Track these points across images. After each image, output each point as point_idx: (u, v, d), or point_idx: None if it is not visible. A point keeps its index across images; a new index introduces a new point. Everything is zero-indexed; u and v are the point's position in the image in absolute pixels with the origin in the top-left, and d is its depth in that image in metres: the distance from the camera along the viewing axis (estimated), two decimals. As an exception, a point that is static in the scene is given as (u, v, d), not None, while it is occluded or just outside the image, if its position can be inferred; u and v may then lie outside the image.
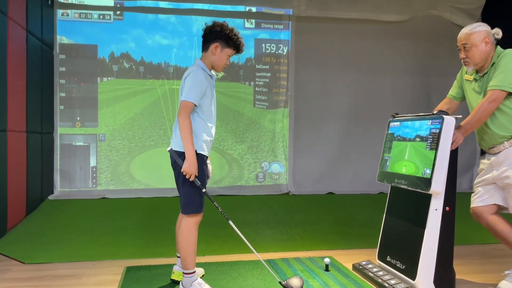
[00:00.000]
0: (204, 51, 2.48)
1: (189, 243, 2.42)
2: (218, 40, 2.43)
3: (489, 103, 2.47)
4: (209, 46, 2.45)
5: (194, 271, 2.44)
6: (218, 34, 2.41)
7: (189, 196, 2.42)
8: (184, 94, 2.35)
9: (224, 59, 2.48)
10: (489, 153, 2.66)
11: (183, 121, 2.32)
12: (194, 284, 2.42)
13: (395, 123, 2.89)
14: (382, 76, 6.37)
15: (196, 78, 2.36)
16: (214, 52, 2.44)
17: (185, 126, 2.31)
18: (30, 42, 4.52)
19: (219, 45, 2.43)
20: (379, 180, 2.90)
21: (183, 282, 2.45)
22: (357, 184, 6.20)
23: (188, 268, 2.42)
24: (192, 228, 2.43)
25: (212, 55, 2.45)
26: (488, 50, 2.56)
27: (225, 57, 2.47)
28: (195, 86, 2.34)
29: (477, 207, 2.67)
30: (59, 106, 5.57)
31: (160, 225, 4.21)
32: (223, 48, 2.45)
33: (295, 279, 2.55)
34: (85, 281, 2.74)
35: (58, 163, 5.55)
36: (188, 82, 2.36)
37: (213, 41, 2.43)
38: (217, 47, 2.44)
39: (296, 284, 2.50)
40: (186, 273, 2.43)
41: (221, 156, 5.98)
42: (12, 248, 3.42)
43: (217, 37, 2.42)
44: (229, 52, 2.47)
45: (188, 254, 2.41)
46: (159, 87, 5.84)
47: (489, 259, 3.29)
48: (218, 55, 2.45)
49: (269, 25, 6.12)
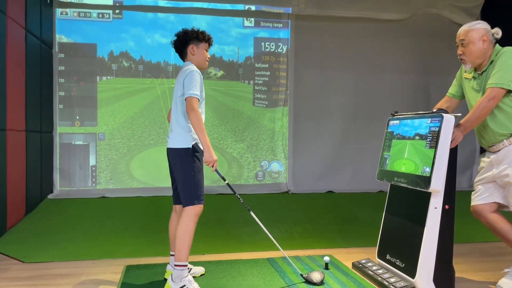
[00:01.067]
0: (185, 58, 2.66)
1: (187, 234, 2.44)
2: (190, 41, 2.61)
3: (488, 101, 2.47)
4: (186, 51, 2.63)
5: (186, 265, 2.44)
6: (187, 37, 2.61)
7: (193, 187, 2.48)
8: (188, 90, 2.45)
9: (204, 54, 2.65)
10: (489, 151, 2.66)
11: (196, 116, 2.41)
12: (184, 280, 2.41)
13: (394, 122, 2.89)
14: (381, 75, 6.37)
15: (195, 76, 2.49)
16: (192, 52, 2.62)
17: (199, 120, 2.41)
18: (29, 41, 4.51)
19: (193, 45, 2.61)
20: (379, 178, 2.90)
21: (173, 275, 2.43)
22: (356, 183, 6.20)
23: (181, 259, 2.42)
24: (192, 219, 2.46)
25: (192, 56, 2.63)
26: (485, 48, 2.56)
27: (202, 52, 2.65)
28: (196, 82, 2.48)
29: (477, 205, 2.67)
30: (59, 105, 5.57)
31: (160, 224, 4.21)
32: (197, 45, 2.62)
33: (316, 273, 2.69)
34: (84, 280, 2.74)
35: (57, 162, 5.54)
36: (189, 80, 2.47)
37: (187, 44, 2.61)
38: (193, 47, 2.61)
39: (316, 278, 2.65)
40: (179, 265, 2.41)
41: (220, 155, 5.98)
42: (12, 247, 3.42)
43: (187, 40, 2.61)
44: (204, 46, 2.65)
45: (184, 245, 2.42)
46: (158, 86, 5.84)
47: (489, 257, 3.30)
48: (198, 53, 2.63)
49: (269, 24, 6.12)
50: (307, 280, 2.67)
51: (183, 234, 2.43)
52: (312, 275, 2.68)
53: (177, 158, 2.53)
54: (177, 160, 2.53)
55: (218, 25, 5.95)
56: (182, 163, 2.50)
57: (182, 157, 2.50)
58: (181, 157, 2.50)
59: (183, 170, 2.50)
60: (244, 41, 6.05)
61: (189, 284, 2.42)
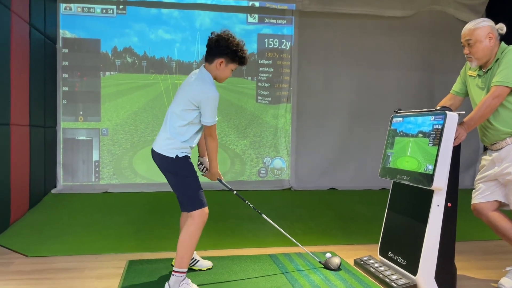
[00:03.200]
0: (208, 63, 2.46)
1: (192, 242, 2.40)
2: (224, 56, 2.41)
3: (493, 99, 2.46)
4: (213, 60, 2.43)
5: (186, 272, 2.40)
6: (224, 50, 2.39)
7: (191, 194, 2.42)
8: (209, 117, 2.38)
9: (228, 73, 2.49)
10: (491, 149, 2.65)
11: (215, 143, 2.49)
12: (182, 284, 2.37)
13: (397, 119, 2.88)
14: (385, 72, 6.35)
15: (216, 101, 2.38)
16: (218, 67, 2.43)
17: (216, 148, 2.52)
18: (33, 36, 4.52)
19: (224, 60, 2.42)
20: (381, 175, 2.90)
21: (170, 281, 2.37)
22: (359, 180, 6.20)
23: (182, 267, 2.37)
24: (199, 228, 2.41)
25: (216, 70, 2.44)
26: (492, 45, 2.54)
27: (229, 71, 2.48)
28: (216, 107, 2.39)
29: (478, 204, 2.67)
30: (62, 100, 5.58)
31: (162, 219, 4.23)
32: (227, 63, 2.44)
33: (334, 259, 2.90)
34: (87, 274, 2.76)
35: (61, 157, 5.57)
36: (210, 105, 2.36)
37: (219, 56, 2.41)
38: (222, 63, 2.43)
39: (334, 264, 2.86)
40: (178, 272, 2.36)
41: (223, 151, 5.98)
42: (15, 241, 3.44)
43: (222, 53, 2.40)
44: (233, 67, 2.48)
45: (187, 252, 2.38)
46: (161, 81, 5.84)
47: (491, 255, 3.29)
48: (222, 70, 2.45)
49: (272, 20, 6.10)
50: (326, 266, 2.87)
51: (189, 241, 2.38)
52: (330, 261, 2.89)
53: (166, 164, 2.43)
54: (166, 166, 2.44)
55: (221, 21, 5.94)
56: (176, 171, 2.42)
57: (174, 165, 2.41)
58: (171, 165, 2.41)
59: (176, 178, 2.43)
60: (247, 38, 6.03)
61: (188, 287, 2.38)
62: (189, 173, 2.44)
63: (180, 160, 2.41)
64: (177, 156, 2.40)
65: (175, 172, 2.43)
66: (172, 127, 2.42)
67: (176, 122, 2.42)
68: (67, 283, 2.61)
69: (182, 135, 2.41)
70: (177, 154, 2.40)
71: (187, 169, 2.44)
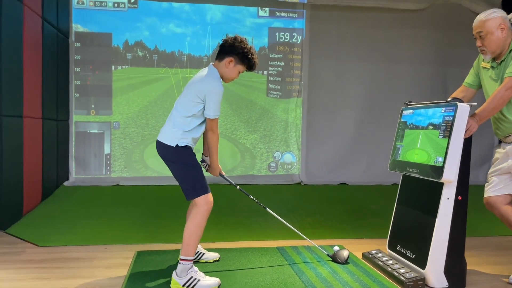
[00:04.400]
0: (218, 61, 2.53)
1: (198, 230, 2.42)
2: (234, 55, 2.47)
3: (506, 91, 2.41)
4: (223, 58, 2.49)
5: (192, 259, 2.42)
6: (235, 50, 2.46)
7: (192, 182, 2.45)
8: (212, 110, 2.43)
9: (235, 74, 2.54)
10: (505, 142, 2.60)
11: (215, 137, 2.53)
12: (190, 272, 2.39)
13: (408, 111, 2.84)
14: (397, 66, 6.27)
15: (219, 95, 2.43)
16: (227, 65, 2.49)
17: (217, 142, 2.55)
18: (46, 30, 4.57)
19: (233, 60, 2.48)
20: (391, 169, 2.86)
21: (178, 270, 2.39)
22: (370, 175, 6.15)
23: (189, 254, 2.39)
24: (205, 216, 2.42)
25: (224, 67, 2.50)
26: (505, 36, 2.49)
27: (236, 72, 2.54)
28: (219, 101, 2.45)
29: (491, 197, 2.62)
30: (74, 94, 5.64)
31: (172, 212, 4.25)
32: (236, 64, 2.50)
33: (342, 251, 2.89)
34: (96, 264, 2.79)
35: (73, 150, 5.63)
36: (213, 99, 2.42)
37: (229, 54, 2.48)
38: (231, 62, 2.49)
39: (342, 257, 2.86)
40: (185, 260, 2.38)
41: (233, 146, 5.99)
42: (27, 231, 3.50)
43: (233, 52, 2.47)
44: (241, 68, 2.54)
45: (193, 240, 2.40)
46: (172, 75, 5.86)
47: (503, 250, 3.23)
48: (230, 69, 2.51)
49: (283, 14, 6.07)
50: (334, 259, 2.87)
51: (195, 229, 2.41)
52: (338, 254, 2.88)
53: (167, 153, 2.48)
54: (167, 155, 2.48)
55: (232, 14, 5.92)
56: (176, 160, 2.47)
57: (174, 153, 2.46)
58: (172, 153, 2.46)
59: (177, 166, 2.47)
60: (258, 31, 6.01)
61: (195, 275, 2.40)
62: (189, 161, 2.47)
63: (180, 149, 2.45)
64: (177, 145, 2.44)
65: (175, 160, 2.47)
66: (176, 117, 2.48)
67: (181, 112, 2.48)
68: (76, 272, 2.65)
69: (185, 126, 2.46)
70: (177, 143, 2.44)
71: (187, 157, 2.47)
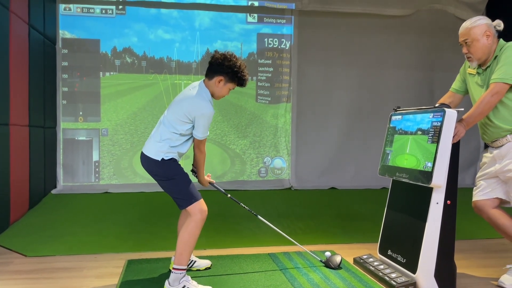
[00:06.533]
0: (208, 79, 2.51)
1: (192, 239, 2.41)
2: (224, 74, 2.46)
3: (492, 96, 2.45)
4: (213, 76, 2.48)
5: (185, 269, 2.42)
6: (226, 70, 2.45)
7: (183, 191, 2.43)
8: (201, 132, 2.45)
9: (225, 92, 2.53)
10: (492, 147, 2.64)
11: (203, 157, 2.59)
12: (183, 281, 2.38)
13: (396, 117, 2.87)
14: (385, 71, 6.34)
15: (210, 118, 2.45)
16: (217, 84, 2.49)
17: (203, 161, 2.62)
18: (33, 36, 4.52)
19: (223, 79, 2.47)
20: (381, 174, 2.89)
21: (170, 279, 2.39)
22: (359, 179, 6.19)
23: (182, 264, 2.39)
24: (198, 225, 2.42)
25: (215, 86, 2.49)
26: (490, 43, 2.53)
27: (226, 90, 2.53)
28: (209, 123, 2.46)
29: (479, 201, 2.66)
30: (62, 101, 5.58)
31: (162, 219, 4.22)
32: (226, 82, 2.49)
33: (335, 257, 2.91)
34: (86, 274, 2.76)
35: (61, 158, 5.57)
36: (203, 122, 2.42)
37: (219, 74, 2.47)
38: (221, 81, 2.48)
39: (334, 262, 2.87)
40: (178, 269, 2.38)
41: (223, 151, 5.98)
42: (15, 241, 3.44)
43: (223, 72, 2.46)
44: (232, 86, 2.53)
45: (187, 249, 2.39)
46: (161, 81, 5.84)
47: (491, 253, 3.28)
48: (221, 88, 2.50)
49: (272, 20, 6.10)
50: (327, 265, 2.87)
51: (189, 238, 2.40)
52: (330, 259, 2.89)
53: (152, 167, 2.46)
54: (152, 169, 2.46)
55: (221, 20, 5.93)
56: (163, 174, 2.45)
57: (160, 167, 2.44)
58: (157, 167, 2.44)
59: (165, 181, 2.46)
60: (247, 37, 6.03)
61: (188, 284, 2.39)
62: (176, 173, 2.46)
63: (165, 162, 2.44)
64: (162, 159, 2.43)
65: (162, 174, 2.46)
66: (164, 132, 2.47)
67: (168, 129, 2.46)
68: (66, 282, 2.61)
69: (172, 141, 2.46)
70: (163, 157, 2.43)
71: (173, 170, 2.46)
